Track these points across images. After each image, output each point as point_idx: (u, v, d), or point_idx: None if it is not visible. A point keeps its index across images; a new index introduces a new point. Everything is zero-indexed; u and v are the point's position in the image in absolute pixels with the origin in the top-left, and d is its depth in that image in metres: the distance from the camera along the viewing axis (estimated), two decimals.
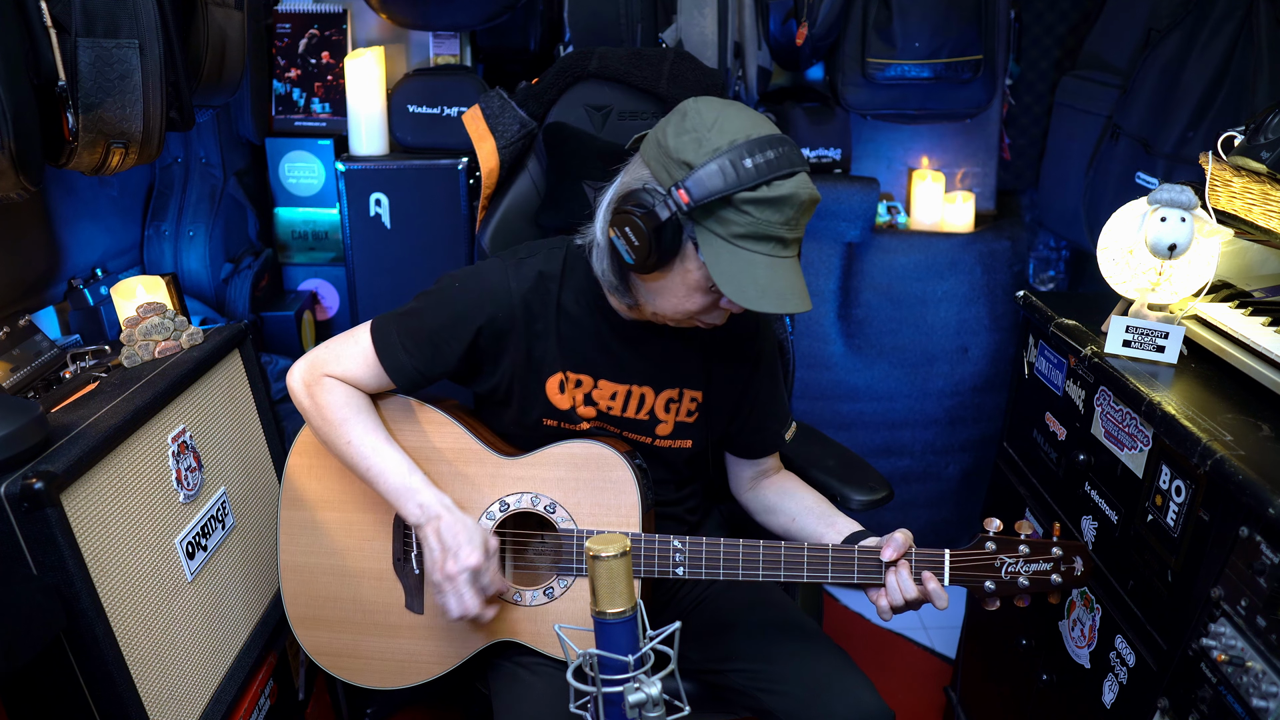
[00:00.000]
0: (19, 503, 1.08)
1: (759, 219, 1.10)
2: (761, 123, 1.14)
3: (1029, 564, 1.21)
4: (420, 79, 2.19)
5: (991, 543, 1.22)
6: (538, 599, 1.34)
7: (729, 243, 1.12)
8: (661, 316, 1.25)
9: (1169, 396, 1.24)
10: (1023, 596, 1.22)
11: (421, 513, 1.27)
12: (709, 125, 1.11)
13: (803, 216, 1.13)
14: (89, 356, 1.53)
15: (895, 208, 2.64)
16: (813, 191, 1.13)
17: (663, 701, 0.97)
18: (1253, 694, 1.02)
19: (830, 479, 1.55)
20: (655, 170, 1.15)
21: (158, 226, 2.07)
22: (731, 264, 1.12)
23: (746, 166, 1.08)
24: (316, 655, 1.42)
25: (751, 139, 1.10)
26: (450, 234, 2.18)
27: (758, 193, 1.09)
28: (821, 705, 1.29)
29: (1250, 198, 1.37)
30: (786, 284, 1.13)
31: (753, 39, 2.25)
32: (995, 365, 2.56)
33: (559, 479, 1.33)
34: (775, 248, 1.12)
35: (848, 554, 1.25)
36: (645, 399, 1.36)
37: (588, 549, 0.96)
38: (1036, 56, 2.59)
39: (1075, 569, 1.21)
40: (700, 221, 1.12)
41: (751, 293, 1.11)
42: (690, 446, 1.40)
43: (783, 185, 1.10)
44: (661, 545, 1.27)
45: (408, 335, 1.30)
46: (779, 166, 1.09)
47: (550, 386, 1.33)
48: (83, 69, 1.35)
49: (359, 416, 1.31)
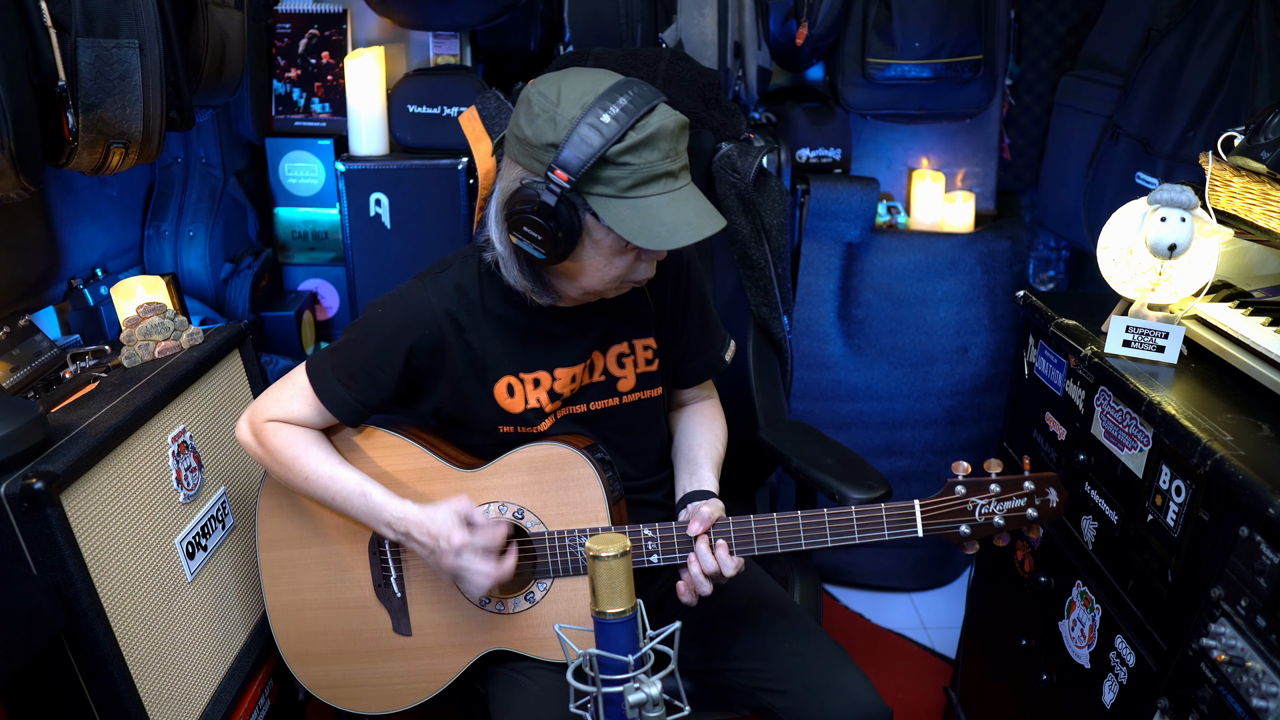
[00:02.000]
0: (19, 503, 1.08)
1: (639, 164, 1.11)
2: (603, 76, 1.15)
3: (1002, 502, 1.20)
4: (420, 79, 2.19)
5: (961, 486, 1.21)
6: (520, 605, 1.34)
7: (623, 198, 1.12)
8: (594, 292, 1.26)
9: (1169, 396, 1.24)
10: (1001, 535, 1.21)
11: (392, 529, 1.28)
12: (555, 100, 1.13)
13: (678, 144, 1.14)
14: (89, 356, 1.53)
15: (895, 208, 2.64)
16: (678, 117, 1.14)
17: (663, 701, 0.97)
18: (1253, 694, 1.02)
19: (829, 478, 1.55)
20: (526, 164, 1.16)
21: (158, 226, 2.07)
22: (633, 216, 1.13)
23: (606, 122, 1.09)
24: (316, 689, 1.43)
25: (599, 94, 1.11)
26: (450, 234, 2.18)
27: (626, 140, 1.10)
28: (820, 703, 1.29)
29: (1250, 198, 1.37)
30: (692, 211, 1.15)
31: (753, 39, 2.25)
32: (995, 365, 2.56)
33: (523, 484, 1.33)
34: (666, 183, 1.14)
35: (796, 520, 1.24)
36: (595, 363, 1.37)
37: (587, 549, 0.96)
38: (1036, 56, 2.59)
39: (1050, 500, 1.20)
40: (588, 190, 1.13)
41: (663, 234, 1.12)
42: (659, 394, 1.42)
43: (647, 124, 1.11)
44: (632, 534, 1.27)
45: (341, 369, 1.30)
46: (636, 108, 1.10)
47: (499, 393, 1.33)
48: (83, 69, 1.35)
49: (308, 450, 1.31)
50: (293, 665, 1.43)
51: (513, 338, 1.32)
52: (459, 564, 1.24)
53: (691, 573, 1.24)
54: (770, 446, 1.67)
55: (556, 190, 1.12)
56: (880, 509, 1.22)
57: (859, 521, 1.23)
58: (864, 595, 2.64)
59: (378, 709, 1.42)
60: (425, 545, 1.25)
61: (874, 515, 1.23)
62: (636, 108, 1.10)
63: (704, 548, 1.24)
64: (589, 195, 1.13)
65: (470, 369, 1.32)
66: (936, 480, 2.63)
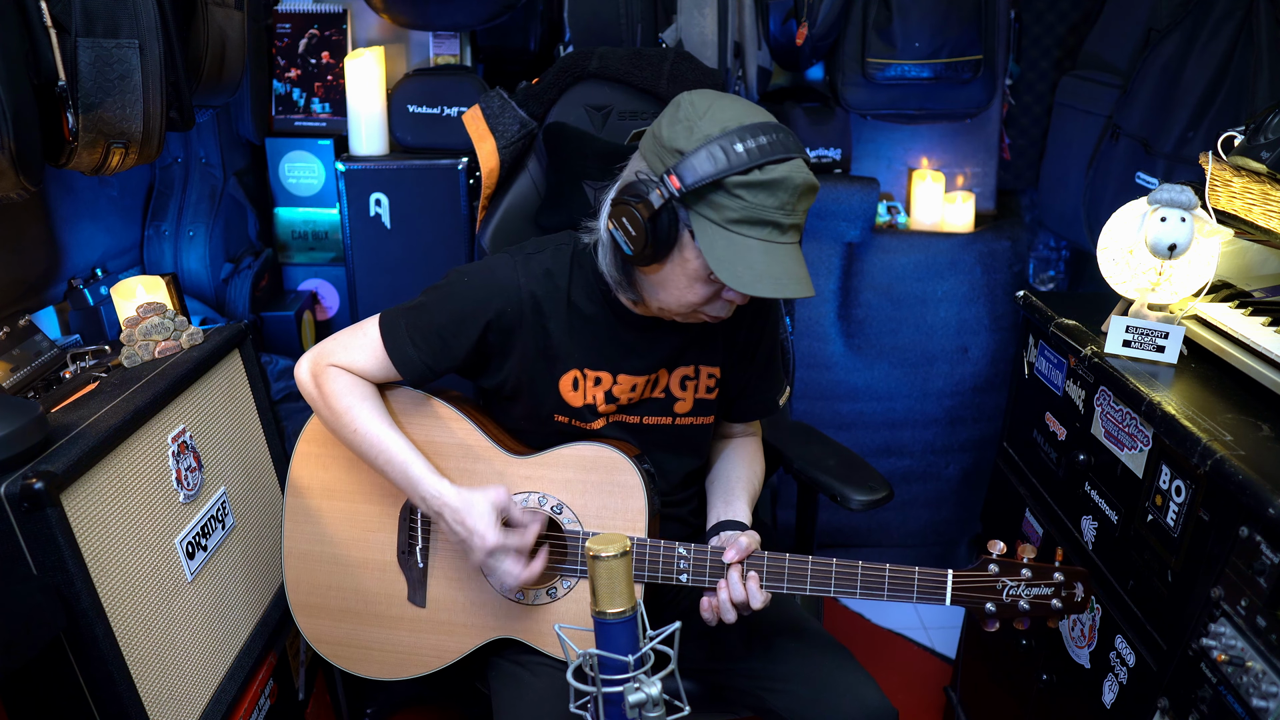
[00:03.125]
0: (19, 503, 1.08)
1: (752, 203, 1.10)
2: (756, 111, 1.14)
3: (1030, 588, 1.21)
4: (420, 79, 2.19)
5: (994, 565, 1.22)
6: (540, 598, 1.34)
7: (723, 228, 1.12)
8: (667, 311, 1.25)
9: (1169, 396, 1.24)
10: (1022, 619, 1.22)
11: (426, 505, 1.27)
12: (701, 114, 1.12)
13: (799, 202, 1.13)
14: (89, 356, 1.53)
15: (895, 208, 2.64)
16: (808, 177, 1.13)
17: (663, 701, 0.97)
18: (1253, 694, 1.02)
19: (830, 479, 1.55)
20: (650, 162, 1.16)
21: (158, 226, 2.07)
22: (727, 249, 1.12)
23: (738, 151, 1.09)
24: (316, 643, 1.43)
25: (744, 125, 1.10)
26: (450, 234, 2.18)
27: (750, 176, 1.09)
28: (825, 703, 1.29)
29: (1250, 198, 1.37)
30: (784, 269, 1.13)
31: (753, 39, 2.25)
32: (995, 365, 2.56)
33: (567, 480, 1.33)
34: (771, 233, 1.13)
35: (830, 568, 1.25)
36: (659, 379, 1.37)
37: (588, 549, 0.96)
38: (1036, 56, 2.59)
39: (1075, 595, 1.21)
40: (694, 207, 1.13)
41: (747, 277, 1.12)
42: (710, 422, 1.42)
43: (775, 169, 1.10)
44: (666, 551, 1.27)
45: (416, 329, 1.30)
46: (772, 151, 1.10)
47: (564, 384, 1.33)
48: (83, 69, 1.35)
49: (364, 404, 1.31)
50: (298, 615, 1.43)
51: (587, 332, 1.32)
52: (490, 561, 1.24)
53: (720, 598, 1.24)
54: (771, 447, 1.67)
55: (665, 194, 1.12)
56: (914, 573, 1.23)
57: (890, 581, 1.23)
58: None
59: (374, 673, 1.41)
60: (457, 534, 1.25)
61: (906, 578, 1.23)
62: (773, 150, 1.10)
63: (736, 576, 1.24)
64: (693, 212, 1.13)
65: (542, 355, 1.32)
66: (937, 480, 2.66)
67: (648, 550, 1.27)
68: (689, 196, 1.12)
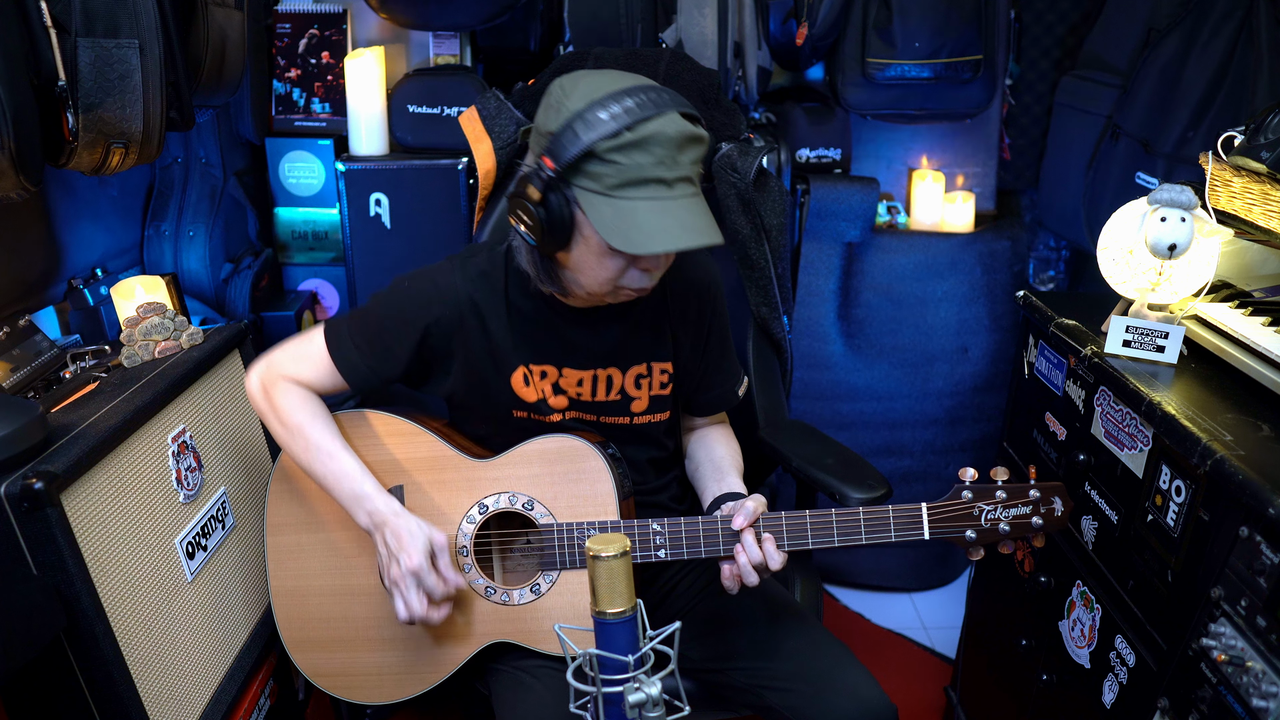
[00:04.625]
0: (19, 503, 1.08)
1: (628, 164, 1.10)
2: (623, 78, 1.15)
3: (1008, 509, 1.21)
4: (420, 79, 2.19)
5: (968, 491, 1.22)
6: (525, 597, 1.34)
7: (607, 196, 1.12)
8: (594, 295, 1.26)
9: (1169, 396, 1.24)
10: (1006, 542, 1.22)
11: (370, 520, 1.28)
12: (568, 93, 1.14)
13: (680, 153, 1.13)
14: (89, 356, 1.53)
15: (895, 208, 2.64)
16: (684, 128, 1.12)
17: (663, 701, 0.97)
18: (1253, 694, 1.02)
19: (830, 478, 1.55)
20: (534, 151, 1.18)
21: (158, 226, 2.07)
22: (614, 216, 1.12)
23: (601, 118, 1.09)
24: (315, 678, 1.42)
25: (608, 93, 1.11)
26: (450, 234, 2.18)
27: (620, 139, 1.09)
28: (825, 701, 1.29)
29: (1250, 198, 1.37)
30: (677, 222, 1.13)
31: (753, 39, 2.25)
32: (995, 365, 2.56)
33: (534, 475, 1.33)
34: (658, 189, 1.12)
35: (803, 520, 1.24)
36: (614, 380, 1.37)
37: (588, 549, 0.96)
38: (1036, 56, 2.59)
39: (1055, 509, 1.20)
40: (575, 183, 1.13)
41: (638, 238, 1.12)
42: (667, 418, 1.43)
43: (645, 127, 1.10)
44: (641, 529, 1.28)
45: (359, 334, 1.32)
46: (640, 111, 1.10)
47: (516, 381, 1.34)
48: (83, 69, 1.35)
49: (315, 421, 1.32)
50: (293, 653, 1.43)
51: (528, 329, 1.33)
52: (401, 582, 1.25)
53: (740, 563, 1.24)
54: (770, 446, 1.67)
55: (545, 177, 1.13)
56: (887, 510, 1.23)
57: (866, 523, 1.23)
58: (864, 595, 2.64)
59: (378, 699, 1.41)
60: (388, 546, 1.26)
61: (881, 517, 1.23)
62: (641, 110, 1.10)
63: (750, 539, 1.23)
64: (575, 188, 1.14)
65: (488, 355, 1.33)
66: (937, 480, 2.65)
67: (620, 530, 1.28)
68: (568, 173, 1.12)
